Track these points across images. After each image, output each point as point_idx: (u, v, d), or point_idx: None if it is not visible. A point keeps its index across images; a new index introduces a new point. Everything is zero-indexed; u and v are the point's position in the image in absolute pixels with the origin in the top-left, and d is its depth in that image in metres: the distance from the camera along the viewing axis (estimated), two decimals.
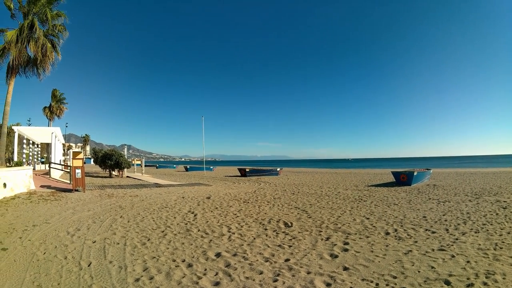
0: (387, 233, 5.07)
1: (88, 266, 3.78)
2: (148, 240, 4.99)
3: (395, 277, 3.14)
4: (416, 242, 4.48)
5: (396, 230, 5.30)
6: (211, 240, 4.93)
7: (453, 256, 3.74)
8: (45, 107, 39.13)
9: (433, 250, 4.06)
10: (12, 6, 15.89)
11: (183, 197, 10.09)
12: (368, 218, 6.50)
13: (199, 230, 5.62)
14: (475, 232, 5.01)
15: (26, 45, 15.62)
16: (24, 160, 22.75)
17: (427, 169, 18.63)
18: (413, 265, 3.45)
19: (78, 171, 11.51)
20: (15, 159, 18.86)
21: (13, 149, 22.08)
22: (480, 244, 4.27)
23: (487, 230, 5.14)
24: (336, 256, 3.93)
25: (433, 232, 5.05)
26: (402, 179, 14.00)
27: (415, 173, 13.86)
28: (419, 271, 3.26)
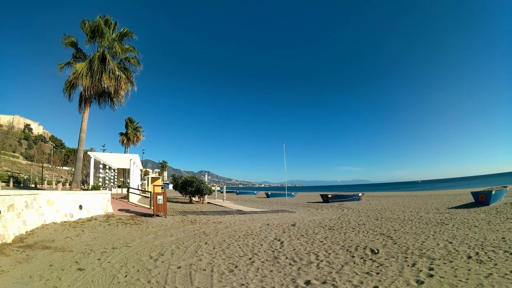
0: (469, 257, 5.58)
1: None
2: (236, 267, 5.17)
3: None
4: (496, 264, 5.02)
5: (477, 253, 5.83)
6: (299, 268, 5.15)
7: None
8: (121, 134, 40.90)
9: (511, 272, 4.59)
10: (76, 41, 16.93)
11: (268, 224, 10.88)
12: (451, 242, 6.98)
13: (286, 258, 5.90)
14: None
15: (99, 77, 16.25)
16: (100, 183, 26.02)
17: (503, 187, 18.56)
18: None
19: (160, 197, 11.96)
20: (91, 182, 20.98)
21: (88, 173, 25.27)
22: None
23: None
24: (422, 282, 4.21)
25: None
26: (481, 199, 14.40)
27: (493, 192, 14.27)
28: None
